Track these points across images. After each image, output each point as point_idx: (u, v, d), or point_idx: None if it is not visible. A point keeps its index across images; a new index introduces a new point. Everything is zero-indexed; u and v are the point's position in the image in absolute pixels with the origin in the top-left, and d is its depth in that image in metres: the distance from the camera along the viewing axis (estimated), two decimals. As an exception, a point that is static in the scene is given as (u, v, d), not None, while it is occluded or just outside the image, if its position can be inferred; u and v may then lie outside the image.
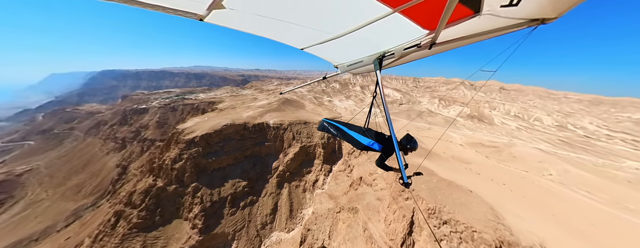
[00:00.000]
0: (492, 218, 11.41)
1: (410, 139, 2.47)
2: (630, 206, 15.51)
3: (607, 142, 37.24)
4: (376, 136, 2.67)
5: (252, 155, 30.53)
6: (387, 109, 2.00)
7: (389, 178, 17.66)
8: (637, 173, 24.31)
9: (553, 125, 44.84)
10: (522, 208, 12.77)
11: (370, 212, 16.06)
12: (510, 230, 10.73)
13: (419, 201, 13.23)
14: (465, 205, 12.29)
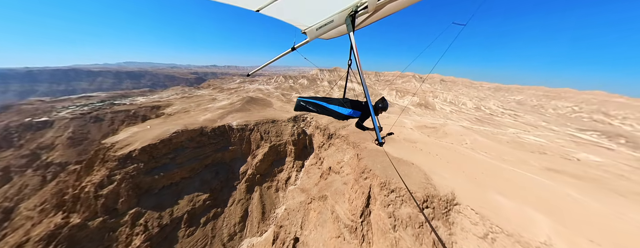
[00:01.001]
0: (424, 181, 14.21)
1: (382, 100, 2.92)
2: (506, 157, 22.22)
3: (500, 117, 51.38)
4: (355, 104, 2.87)
5: (214, 163, 27.17)
6: (362, 76, 1.96)
7: (354, 164, 19.13)
8: (513, 136, 35.00)
9: (472, 107, 58.63)
10: (445, 171, 16.31)
11: (337, 196, 17.20)
12: (434, 187, 13.68)
13: (374, 179, 15.08)
14: (407, 175, 14.82)
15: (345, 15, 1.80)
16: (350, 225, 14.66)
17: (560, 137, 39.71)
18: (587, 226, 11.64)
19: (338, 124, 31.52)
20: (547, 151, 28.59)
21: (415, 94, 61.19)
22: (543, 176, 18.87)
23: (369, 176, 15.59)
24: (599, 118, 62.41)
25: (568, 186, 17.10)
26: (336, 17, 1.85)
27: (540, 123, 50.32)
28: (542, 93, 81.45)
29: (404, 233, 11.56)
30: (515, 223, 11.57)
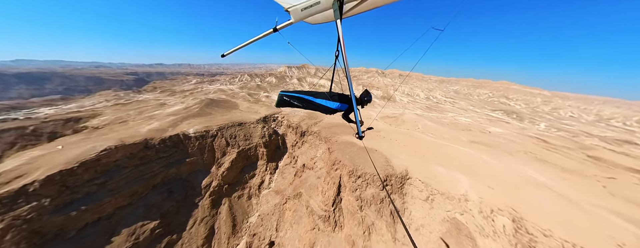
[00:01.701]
0: (385, 163, 16.18)
1: (367, 93, 2.90)
2: (445, 136, 27.54)
3: (443, 104, 62.95)
4: (341, 98, 2.83)
5: (166, 181, 22.94)
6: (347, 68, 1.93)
7: (326, 157, 19.76)
8: (451, 119, 43.61)
9: (424, 97, 69.82)
10: (401, 153, 18.90)
11: (311, 191, 17.44)
12: (392, 167, 15.78)
13: (343, 168, 16.08)
14: (372, 161, 16.35)
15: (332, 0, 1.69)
16: (323, 215, 15.20)
17: (480, 116, 52.00)
18: (489, 178, 15.83)
19: (310, 121, 31.72)
20: (471, 128, 36.91)
21: (379, 88, 67.94)
22: (467, 147, 24.37)
23: (339, 166, 16.49)
24: (503, 100, 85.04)
25: (482, 152, 22.72)
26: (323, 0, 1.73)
27: (469, 107, 64.61)
28: (471, 83, 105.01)
29: (368, 211, 12.81)
30: (446, 185, 14.63)
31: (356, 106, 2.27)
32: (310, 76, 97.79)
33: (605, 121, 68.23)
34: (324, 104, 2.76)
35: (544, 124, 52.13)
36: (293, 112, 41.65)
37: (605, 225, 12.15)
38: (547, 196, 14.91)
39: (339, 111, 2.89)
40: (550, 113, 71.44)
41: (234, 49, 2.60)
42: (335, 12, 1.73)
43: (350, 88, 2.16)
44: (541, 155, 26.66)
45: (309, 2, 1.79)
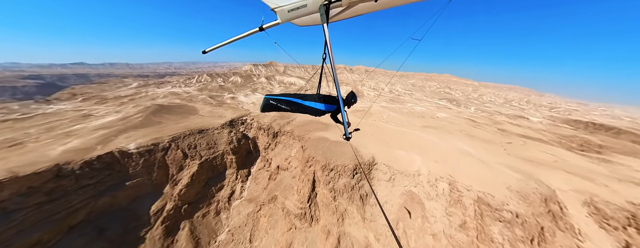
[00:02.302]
0: (354, 153, 17.57)
1: (353, 95, 3.04)
2: (404, 124, 32.20)
3: (403, 96, 72.90)
4: (329, 99, 2.90)
5: (94, 217, 18.04)
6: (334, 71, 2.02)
7: (300, 156, 19.95)
8: (409, 108, 51.07)
9: (387, 91, 79.01)
10: (369, 142, 21.12)
11: (287, 192, 17.38)
12: (361, 156, 17.53)
13: (317, 164, 16.73)
14: (343, 153, 17.83)
15: (319, 3, 1.72)
16: (299, 213, 15.52)
17: (431, 105, 63.02)
18: (435, 154, 19.76)
19: (282, 121, 31.08)
20: (424, 115, 44.41)
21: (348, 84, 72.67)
22: (421, 131, 29.39)
23: (313, 163, 17.05)
24: (447, 90, 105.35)
25: (431, 134, 27.93)
26: (310, 3, 1.74)
27: (423, 97, 77.24)
28: (423, 77, 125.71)
29: (341, 200, 13.87)
30: (405, 165, 17.44)
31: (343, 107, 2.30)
32: (279, 74, 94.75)
33: (509, 103, 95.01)
34: (313, 106, 2.76)
35: (474, 108, 68.19)
36: (264, 113, 39.88)
37: (502, 176, 17.32)
38: (471, 161, 19.87)
39: (327, 112, 2.90)
40: (478, 99, 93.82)
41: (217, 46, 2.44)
42: (322, 16, 1.76)
43: (338, 90, 2.18)
44: (470, 131, 34.93)
45: (296, 4, 1.80)
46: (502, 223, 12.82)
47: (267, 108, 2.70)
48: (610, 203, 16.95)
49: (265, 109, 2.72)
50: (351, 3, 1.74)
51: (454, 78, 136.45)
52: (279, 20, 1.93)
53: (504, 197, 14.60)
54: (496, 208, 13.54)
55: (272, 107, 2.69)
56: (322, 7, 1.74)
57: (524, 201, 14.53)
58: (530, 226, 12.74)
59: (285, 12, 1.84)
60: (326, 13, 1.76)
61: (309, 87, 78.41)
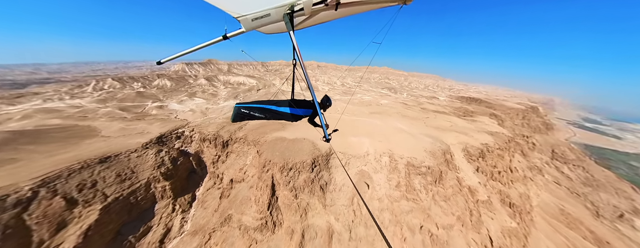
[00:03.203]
0: (312, 148, 18.84)
1: (327, 98, 3.17)
2: (355, 112, 37.12)
3: (354, 88, 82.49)
4: (304, 104, 3.00)
5: None
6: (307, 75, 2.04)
7: (257, 162, 18.79)
8: (359, 98, 58.71)
9: (340, 84, 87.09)
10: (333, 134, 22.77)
11: (243, 206, 16.17)
12: (319, 149, 18.90)
13: (274, 167, 16.42)
14: (301, 150, 18.42)
15: (283, 13, 1.72)
16: (259, 225, 15.07)
17: (376, 94, 75.16)
18: (379, 135, 24.29)
19: (232, 127, 27.82)
20: (371, 104, 52.62)
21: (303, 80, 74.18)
22: (369, 117, 34.86)
23: (271, 166, 16.58)
24: (386, 81, 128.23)
25: (376, 119, 33.79)
26: (273, 12, 1.73)
27: (369, 88, 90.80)
28: (368, 70, 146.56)
29: (303, 195, 14.52)
30: (357, 149, 20.45)
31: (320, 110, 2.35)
32: (223, 74, 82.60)
33: (427, 87, 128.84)
34: (289, 112, 2.77)
35: (406, 94, 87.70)
36: (207, 120, 33.77)
37: (422, 142, 23.97)
38: (404, 136, 26.00)
39: (303, 117, 2.96)
40: (408, 86, 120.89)
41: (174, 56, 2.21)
42: (287, 25, 1.78)
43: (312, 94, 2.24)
44: (404, 112, 45.08)
45: (260, 14, 1.79)
46: (420, 175, 18.02)
47: (239, 117, 2.64)
48: (473, 146, 27.37)
49: (237, 119, 2.65)
50: (313, 12, 1.82)
51: (390, 70, 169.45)
52: (244, 29, 1.94)
53: (422, 157, 20.39)
54: (417, 166, 18.78)
55: (245, 116, 2.63)
56: (285, 16, 1.80)
57: (432, 157, 20.91)
58: (435, 172, 18.66)
59: (249, 21, 1.86)
60: (291, 21, 1.83)
61: (261, 86, 73.23)
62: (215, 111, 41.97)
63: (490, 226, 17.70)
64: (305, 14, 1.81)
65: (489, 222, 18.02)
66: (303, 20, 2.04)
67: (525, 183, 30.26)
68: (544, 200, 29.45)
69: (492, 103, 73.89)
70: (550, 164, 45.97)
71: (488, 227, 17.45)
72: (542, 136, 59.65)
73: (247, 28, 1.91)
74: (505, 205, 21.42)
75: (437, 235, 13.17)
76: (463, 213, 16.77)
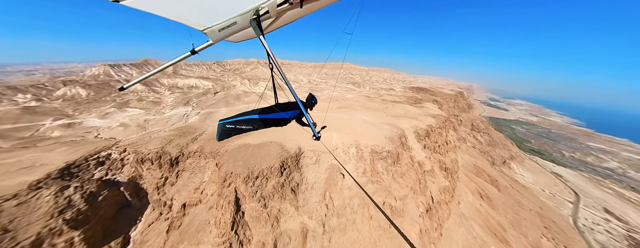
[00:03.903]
0: (279, 150, 18.59)
1: (312, 97, 3.26)
2: (323, 109, 38.52)
3: (321, 85, 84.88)
4: (290, 106, 2.98)
5: None
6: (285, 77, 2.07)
7: (216, 177, 16.99)
8: (327, 95, 61.10)
9: (306, 82, 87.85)
10: (293, 134, 23.07)
11: (200, 234, 14.56)
12: (287, 151, 18.85)
13: (237, 179, 15.30)
14: (268, 154, 17.86)
15: (248, 18, 1.68)
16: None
17: (342, 89, 79.93)
18: (346, 128, 26.40)
19: (183, 140, 23.86)
20: (338, 99, 55.74)
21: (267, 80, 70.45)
22: (336, 112, 37.03)
23: (233, 179, 15.34)
24: (350, 76, 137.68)
25: (343, 113, 36.34)
26: (239, 20, 1.70)
27: (336, 84, 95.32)
28: (333, 66, 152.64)
29: (272, 202, 14.35)
30: (326, 144, 21.66)
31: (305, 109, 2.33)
32: (167, 77, 67.96)
33: (385, 80, 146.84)
34: (279, 117, 2.75)
35: (368, 87, 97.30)
36: (146, 136, 27.38)
37: (383, 130, 27.77)
38: (368, 127, 29.29)
39: (292, 119, 2.93)
40: (369, 80, 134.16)
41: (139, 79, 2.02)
42: (256, 30, 1.74)
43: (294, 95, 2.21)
44: (367, 105, 50.24)
45: (226, 23, 1.74)
46: (382, 159, 21.11)
47: (225, 134, 2.56)
48: (421, 128, 33.87)
49: (224, 137, 2.56)
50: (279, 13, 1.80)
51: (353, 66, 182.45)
52: (212, 41, 1.87)
53: (383, 144, 23.77)
54: (379, 152, 21.85)
55: (232, 131, 2.56)
56: (252, 22, 1.74)
57: (391, 142, 24.71)
58: (394, 155, 22.28)
59: (216, 32, 1.80)
60: (258, 26, 1.78)
61: (219, 88, 64.48)
62: (159, 123, 34.69)
63: (432, 188, 22.97)
64: (271, 17, 1.81)
65: (431, 186, 23.32)
66: (270, 22, 2.03)
67: (455, 151, 39.98)
68: (466, 160, 40.09)
69: (434, 91, 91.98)
70: (470, 134, 62.05)
71: (431, 189, 22.60)
72: (466, 114, 79.69)
73: (215, 40, 1.88)
74: (442, 170, 28.01)
75: (396, 206, 16.05)
76: (415, 184, 20.96)
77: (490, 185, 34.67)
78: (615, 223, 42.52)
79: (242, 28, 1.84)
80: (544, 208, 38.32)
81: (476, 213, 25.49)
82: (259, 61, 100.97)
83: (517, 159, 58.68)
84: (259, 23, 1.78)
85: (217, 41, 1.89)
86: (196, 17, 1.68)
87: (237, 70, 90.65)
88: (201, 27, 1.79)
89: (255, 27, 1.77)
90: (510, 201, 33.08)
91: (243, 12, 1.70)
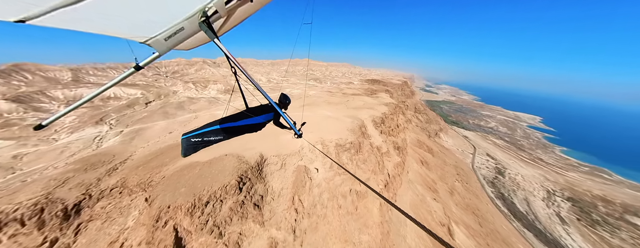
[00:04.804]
0: (236, 163, 16.64)
1: (285, 96, 3.33)
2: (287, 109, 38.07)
3: (281, 83, 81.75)
4: (263, 109, 3.00)
5: None
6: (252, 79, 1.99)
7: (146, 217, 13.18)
8: (289, 93, 59.68)
9: (266, 81, 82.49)
10: (252, 142, 21.23)
11: None
12: (247, 161, 17.16)
13: (178, 212, 12.52)
14: (221, 171, 15.61)
15: (197, 22, 1.54)
16: None
17: (304, 86, 79.67)
18: (311, 126, 26.64)
19: (88, 176, 17.33)
20: (301, 96, 55.30)
21: (217, 81, 61.38)
22: (299, 111, 36.67)
23: (170, 215, 12.39)
24: (311, 72, 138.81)
25: (306, 111, 36.49)
26: (186, 24, 1.52)
27: (297, 81, 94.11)
28: (292, 62, 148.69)
29: (231, 227, 12.78)
30: (291, 147, 21.22)
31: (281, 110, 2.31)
32: (63, 87, 46.79)
33: (344, 75, 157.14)
34: (251, 123, 2.70)
35: (329, 83, 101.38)
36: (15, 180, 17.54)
37: (345, 123, 29.84)
38: (331, 122, 30.68)
39: (268, 122, 2.88)
40: (329, 75, 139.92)
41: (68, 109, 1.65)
42: (208, 33, 1.59)
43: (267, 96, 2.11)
44: (329, 100, 52.45)
45: (172, 30, 1.55)
46: (346, 151, 22.90)
47: (192, 148, 2.35)
48: (377, 116, 38.70)
49: (190, 152, 2.33)
50: (230, 11, 1.66)
51: (312, 61, 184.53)
52: (159, 53, 1.62)
53: (346, 136, 25.65)
54: (343, 145, 23.52)
55: (198, 145, 2.34)
56: (202, 25, 1.56)
57: (353, 133, 27.01)
58: (356, 145, 24.56)
59: (162, 42, 1.59)
60: (210, 29, 1.59)
61: (152, 96, 50.03)
62: (45, 156, 23.88)
63: (388, 166, 27.21)
64: (222, 16, 1.63)
65: (388, 164, 27.57)
66: (222, 23, 1.86)
67: (404, 131, 48.20)
68: (411, 137, 49.43)
69: (386, 82, 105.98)
70: (414, 115, 76.03)
71: (387, 167, 26.72)
72: (410, 99, 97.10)
73: (163, 50, 1.62)
74: (395, 149, 33.42)
75: (360, 190, 17.97)
76: (375, 166, 24.06)
77: (428, 152, 44.57)
78: (492, 161, 65.91)
79: (191, 33, 1.64)
80: (458, 162, 54.55)
81: (418, 177, 32.36)
82: (204, 60, 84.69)
83: (444, 130, 78.51)
84: (210, 25, 1.61)
85: (165, 51, 1.65)
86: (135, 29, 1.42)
87: (177, 72, 73.19)
88: (142, 39, 1.55)
89: (207, 30, 1.59)
90: (439, 161, 43.93)
91: (189, 16, 1.50)
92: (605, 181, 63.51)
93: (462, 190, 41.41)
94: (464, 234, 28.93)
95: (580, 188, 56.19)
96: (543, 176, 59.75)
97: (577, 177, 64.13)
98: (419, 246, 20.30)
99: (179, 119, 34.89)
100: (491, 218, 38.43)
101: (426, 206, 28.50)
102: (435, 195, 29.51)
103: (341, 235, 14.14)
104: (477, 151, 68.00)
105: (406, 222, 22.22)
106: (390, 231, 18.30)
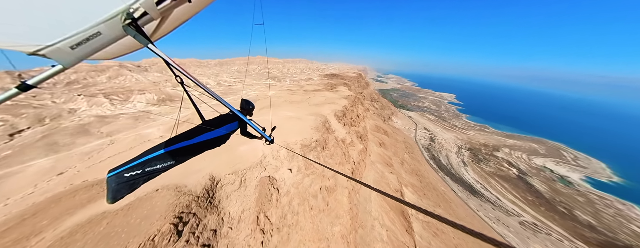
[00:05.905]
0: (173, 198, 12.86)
1: (247, 102, 3.14)
2: None
3: (234, 85, 72.59)
4: (224, 119, 2.69)
5: None
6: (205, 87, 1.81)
7: None
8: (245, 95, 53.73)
9: (215, 84, 71.00)
10: (199, 162, 17.44)
11: None
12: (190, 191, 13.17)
13: None
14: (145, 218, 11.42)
15: (119, 25, 1.28)
16: None
17: (261, 86, 73.77)
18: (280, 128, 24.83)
19: None
20: (259, 97, 50.78)
21: (144, 90, 47.17)
22: (258, 115, 33.43)
23: None
24: (270, 71, 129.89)
25: (266, 114, 33.63)
26: (103, 28, 1.25)
27: (253, 81, 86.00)
28: (242, 61, 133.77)
29: None
30: (251, 157, 18.96)
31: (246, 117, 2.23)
32: None
33: (302, 71, 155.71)
34: (212, 137, 2.36)
35: (289, 80, 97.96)
36: None
37: (308, 122, 29.41)
38: (293, 122, 29.52)
39: (232, 132, 2.62)
40: (288, 73, 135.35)
41: None
42: (137, 38, 1.35)
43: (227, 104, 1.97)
44: (290, 99, 50.59)
45: (81, 36, 1.19)
46: (312, 150, 22.75)
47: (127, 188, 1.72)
48: (339, 110, 40.58)
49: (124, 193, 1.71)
50: (164, 13, 1.45)
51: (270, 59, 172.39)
52: (62, 66, 1.20)
53: (311, 135, 25.35)
54: (309, 144, 23.19)
55: (137, 180, 1.77)
56: (128, 29, 1.32)
57: (317, 131, 27.06)
58: (322, 142, 24.80)
59: (68, 51, 1.21)
60: (140, 33, 1.35)
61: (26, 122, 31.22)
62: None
63: (353, 155, 29.45)
64: (154, 19, 1.38)
65: (353, 154, 29.81)
66: (157, 26, 1.68)
67: (364, 120, 53.07)
68: (371, 124, 55.44)
69: (343, 75, 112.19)
70: (371, 104, 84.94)
71: (353, 156, 28.90)
72: (366, 90, 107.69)
73: (69, 62, 1.20)
74: (358, 138, 36.42)
75: (329, 185, 18.41)
76: (342, 158, 25.31)
77: (384, 135, 51.55)
78: (427, 133, 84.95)
79: (113, 39, 1.32)
80: (406, 138, 67.15)
81: (378, 157, 37.04)
82: (122, 63, 60.39)
83: (394, 114, 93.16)
84: (139, 29, 1.34)
85: (72, 63, 1.23)
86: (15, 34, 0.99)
87: (78, 82, 49.39)
88: (34, 48, 1.10)
89: (136, 35, 1.33)
90: (392, 140, 52.01)
91: (107, 18, 1.22)
92: (486, 133, 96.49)
93: (409, 159, 51.60)
94: (410, 192, 36.26)
95: (474, 140, 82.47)
96: (456, 137, 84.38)
97: (473, 134, 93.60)
98: (381, 214, 23.50)
99: (80, 151, 24.41)
100: (427, 174, 50.32)
101: (385, 180, 33.19)
102: (391, 169, 34.93)
103: (314, 236, 14.04)
104: (418, 127, 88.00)
105: (371, 197, 24.99)
106: (358, 212, 19.94)
